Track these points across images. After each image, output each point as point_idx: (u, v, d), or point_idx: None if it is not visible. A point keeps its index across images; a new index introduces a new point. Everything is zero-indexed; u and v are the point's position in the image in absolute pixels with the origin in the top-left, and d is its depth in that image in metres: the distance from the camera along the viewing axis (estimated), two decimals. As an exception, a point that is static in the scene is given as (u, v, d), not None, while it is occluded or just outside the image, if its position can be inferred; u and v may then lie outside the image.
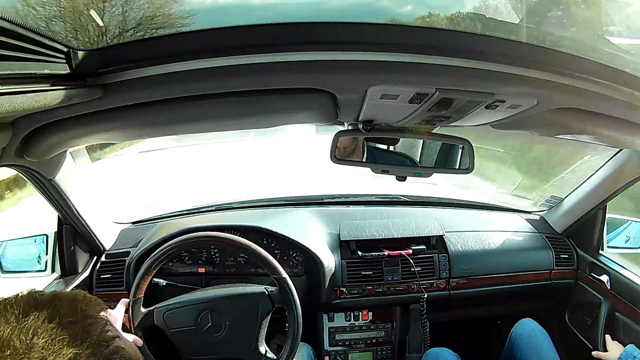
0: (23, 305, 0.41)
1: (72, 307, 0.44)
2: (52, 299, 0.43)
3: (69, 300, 0.44)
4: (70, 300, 0.45)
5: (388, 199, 1.62)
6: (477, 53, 0.53)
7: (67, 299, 0.45)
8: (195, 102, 0.61)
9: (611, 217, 1.37)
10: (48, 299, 0.43)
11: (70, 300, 0.45)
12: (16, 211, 4.32)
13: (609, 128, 0.76)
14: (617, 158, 1.18)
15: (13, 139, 0.64)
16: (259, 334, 1.00)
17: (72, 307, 0.44)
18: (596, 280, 1.33)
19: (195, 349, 0.98)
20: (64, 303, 0.44)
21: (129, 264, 1.22)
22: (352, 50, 0.52)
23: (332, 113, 0.71)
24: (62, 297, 0.45)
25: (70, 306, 0.44)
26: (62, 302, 0.44)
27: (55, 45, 0.47)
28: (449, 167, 0.91)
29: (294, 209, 1.49)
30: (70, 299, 0.45)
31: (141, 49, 0.52)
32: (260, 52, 0.52)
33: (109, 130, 0.71)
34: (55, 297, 0.44)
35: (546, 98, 0.64)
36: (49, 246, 1.15)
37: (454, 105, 0.64)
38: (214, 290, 1.05)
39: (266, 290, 1.02)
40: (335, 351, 1.35)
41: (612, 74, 0.60)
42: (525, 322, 1.25)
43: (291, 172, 4.68)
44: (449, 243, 1.37)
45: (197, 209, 1.49)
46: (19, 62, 0.42)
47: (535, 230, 1.48)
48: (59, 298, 0.44)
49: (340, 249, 1.33)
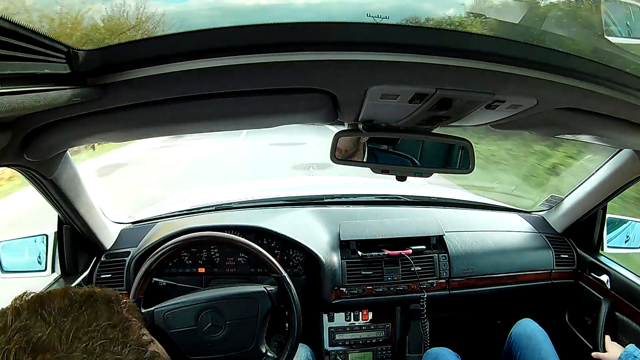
0: (58, 303, 0.40)
1: (109, 308, 0.43)
2: (88, 299, 0.42)
3: (104, 300, 0.43)
4: (106, 301, 0.44)
5: (388, 199, 1.62)
6: (477, 53, 0.53)
7: (103, 300, 0.43)
8: (195, 102, 0.61)
9: (611, 217, 1.38)
10: (84, 299, 0.42)
11: (106, 301, 0.44)
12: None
13: (609, 128, 0.76)
14: (617, 158, 1.18)
15: (13, 139, 0.64)
16: (260, 333, 1.00)
17: (109, 309, 0.43)
18: (596, 280, 1.33)
19: (196, 349, 0.98)
20: (100, 304, 0.43)
21: (129, 264, 1.22)
22: (352, 50, 0.52)
23: (332, 113, 0.71)
24: (98, 297, 0.43)
25: (107, 307, 0.43)
26: (99, 304, 0.43)
27: (56, 45, 0.47)
28: (449, 167, 0.91)
29: (294, 209, 1.49)
30: (106, 300, 0.44)
31: (141, 49, 0.52)
32: (260, 52, 0.52)
33: (109, 130, 0.71)
34: (91, 297, 0.43)
35: (546, 98, 0.64)
36: (49, 246, 1.16)
37: (454, 105, 0.64)
38: (214, 290, 1.05)
39: (266, 289, 1.02)
40: (335, 351, 1.35)
41: (612, 74, 0.60)
42: (525, 323, 1.25)
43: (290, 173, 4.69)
44: (449, 243, 1.37)
45: (197, 209, 1.49)
46: (19, 62, 0.42)
47: (535, 230, 1.48)
48: (95, 298, 0.43)
49: (340, 248, 1.33)
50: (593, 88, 0.61)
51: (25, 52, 0.43)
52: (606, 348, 1.20)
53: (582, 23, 0.78)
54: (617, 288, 1.26)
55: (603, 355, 1.18)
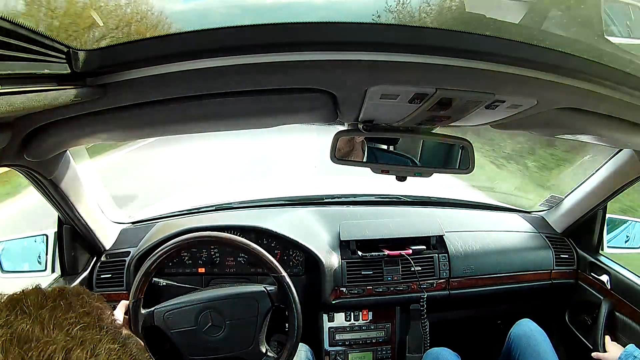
0: (33, 299, 0.43)
1: (80, 299, 0.46)
2: (60, 292, 0.45)
3: (75, 294, 0.46)
4: (76, 292, 0.47)
5: (388, 199, 1.62)
6: (477, 53, 0.53)
7: (74, 292, 0.46)
8: (195, 102, 0.61)
9: (611, 217, 1.38)
10: (56, 293, 0.45)
11: (77, 292, 0.47)
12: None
13: (609, 128, 0.76)
14: (617, 158, 1.18)
15: (13, 139, 0.64)
16: (259, 333, 1.00)
17: (81, 300, 0.46)
18: (596, 280, 1.33)
19: (196, 349, 0.98)
20: (72, 295, 0.45)
21: (129, 264, 1.22)
22: (352, 50, 0.51)
23: (332, 113, 0.71)
24: (68, 290, 0.46)
25: (78, 299, 0.45)
26: (71, 295, 0.45)
27: (56, 45, 0.47)
28: (449, 167, 0.91)
29: (294, 209, 1.49)
30: (76, 292, 0.47)
31: (141, 49, 0.52)
32: (260, 52, 0.52)
33: (109, 130, 0.71)
34: (62, 290, 0.46)
35: (546, 98, 0.64)
36: (49, 246, 1.16)
37: (454, 105, 0.64)
38: (214, 290, 1.05)
39: (265, 289, 1.02)
40: (335, 351, 1.35)
41: (612, 74, 0.59)
42: (524, 323, 1.25)
43: (291, 173, 4.66)
44: (449, 243, 1.37)
45: (197, 209, 1.49)
46: (19, 62, 0.42)
47: (535, 230, 1.48)
48: (66, 292, 0.46)
49: (340, 248, 1.33)
50: (593, 88, 0.61)
51: (26, 52, 0.43)
52: (606, 348, 1.20)
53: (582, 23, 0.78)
54: (617, 288, 1.26)
55: (603, 355, 1.18)
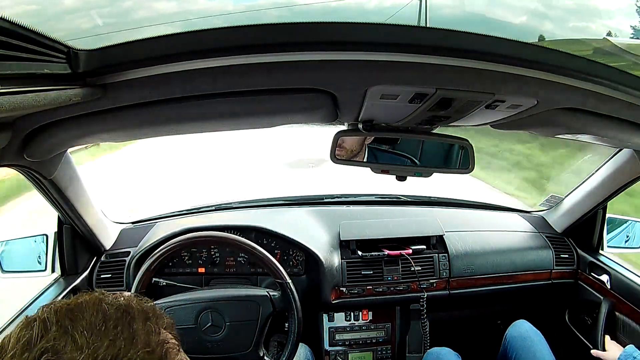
0: (91, 318, 0.36)
1: (146, 328, 0.39)
2: (124, 315, 0.38)
3: (142, 317, 0.40)
4: (143, 318, 0.40)
5: (388, 198, 1.62)
6: (477, 53, 0.53)
7: (140, 316, 0.40)
8: (195, 102, 0.61)
9: (611, 217, 1.38)
10: (119, 314, 0.38)
11: (144, 318, 0.40)
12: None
13: (609, 128, 0.76)
14: (617, 158, 1.18)
15: (13, 139, 0.64)
16: (259, 336, 1.00)
17: (147, 328, 0.39)
18: (596, 280, 1.33)
19: (194, 347, 0.98)
20: (137, 323, 0.39)
21: (129, 264, 1.22)
22: (352, 50, 0.51)
23: (332, 113, 0.71)
24: (134, 313, 0.39)
25: (144, 327, 0.39)
26: (137, 322, 0.39)
27: (56, 45, 0.47)
28: (449, 167, 0.91)
29: (294, 208, 1.49)
30: (144, 317, 0.40)
31: (141, 49, 0.52)
32: (260, 52, 0.52)
33: (109, 130, 0.71)
34: (128, 313, 0.39)
35: (546, 98, 0.64)
36: (49, 246, 1.16)
37: (454, 105, 0.64)
38: (216, 290, 1.05)
39: (268, 293, 1.02)
40: (335, 351, 1.35)
41: (613, 74, 0.59)
42: (519, 324, 1.25)
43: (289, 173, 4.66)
44: (449, 243, 1.37)
45: (197, 209, 1.49)
46: (19, 62, 0.42)
47: (535, 230, 1.48)
48: (132, 316, 0.39)
49: (340, 248, 1.33)
50: (593, 88, 0.61)
51: (26, 52, 0.43)
52: (606, 347, 1.20)
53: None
54: (617, 288, 1.26)
55: (602, 355, 1.18)
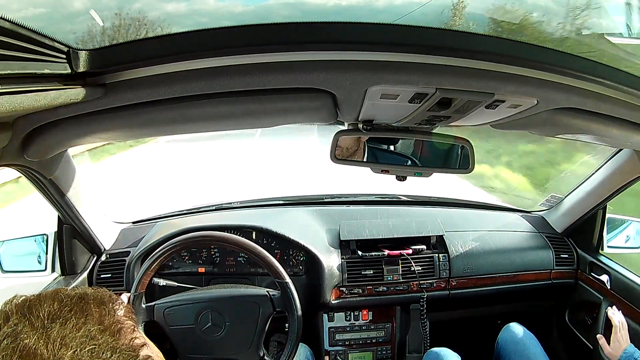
0: (48, 307, 0.40)
1: (100, 310, 0.42)
2: (79, 301, 0.42)
3: (97, 302, 0.43)
4: (98, 302, 0.43)
5: (388, 198, 1.62)
6: (477, 53, 0.53)
7: (95, 301, 0.43)
8: (195, 102, 0.61)
9: (611, 217, 1.38)
10: (75, 301, 0.41)
11: (99, 302, 0.43)
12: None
13: (609, 128, 0.76)
14: (617, 158, 1.18)
15: (13, 139, 0.64)
16: (259, 336, 1.00)
17: (101, 311, 0.42)
18: (596, 280, 1.33)
19: (194, 347, 0.98)
20: (92, 306, 0.42)
21: (129, 264, 1.22)
22: (352, 50, 0.52)
23: (332, 113, 0.71)
24: (90, 299, 0.43)
25: (98, 310, 0.42)
26: (91, 306, 0.42)
27: (56, 45, 0.47)
28: (449, 167, 0.91)
29: (294, 208, 1.49)
30: (99, 301, 0.43)
31: (141, 49, 0.52)
32: (260, 52, 0.52)
33: (109, 130, 0.71)
34: (83, 299, 0.42)
35: (546, 98, 0.64)
36: (49, 246, 1.16)
37: (454, 105, 0.64)
38: (216, 290, 1.05)
39: (268, 293, 1.02)
40: (335, 351, 1.35)
41: (612, 74, 0.59)
42: (511, 328, 1.25)
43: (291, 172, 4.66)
44: (449, 243, 1.37)
45: (197, 209, 1.49)
46: (19, 62, 0.42)
47: (535, 230, 1.48)
48: (87, 301, 0.42)
49: (340, 248, 1.33)
50: (593, 88, 0.61)
51: (26, 52, 0.43)
52: (609, 341, 1.18)
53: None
54: (617, 288, 1.26)
55: (606, 346, 1.15)
